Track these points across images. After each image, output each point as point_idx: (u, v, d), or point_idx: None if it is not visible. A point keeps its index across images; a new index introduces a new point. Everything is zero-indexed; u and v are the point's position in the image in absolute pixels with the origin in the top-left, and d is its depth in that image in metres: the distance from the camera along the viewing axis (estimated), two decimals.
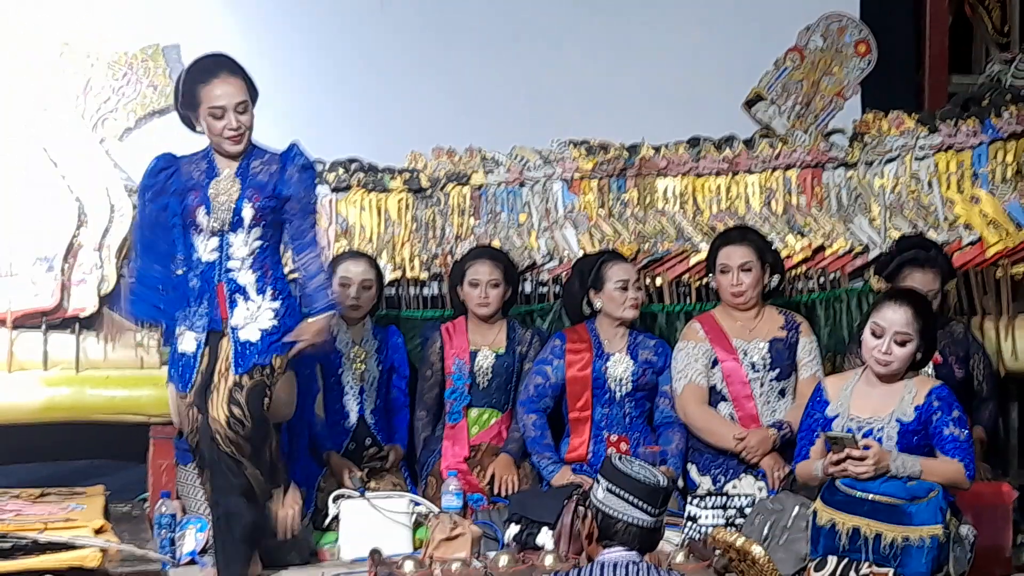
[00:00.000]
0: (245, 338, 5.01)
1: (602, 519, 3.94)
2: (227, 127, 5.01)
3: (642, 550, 3.94)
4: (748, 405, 5.79)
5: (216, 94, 5.01)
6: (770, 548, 4.92)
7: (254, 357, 5.00)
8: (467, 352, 5.94)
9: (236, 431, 4.96)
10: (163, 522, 5.36)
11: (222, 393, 4.98)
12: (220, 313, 5.04)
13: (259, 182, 5.04)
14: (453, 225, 6.46)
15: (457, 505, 5.48)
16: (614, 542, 3.92)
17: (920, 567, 4.74)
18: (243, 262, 5.05)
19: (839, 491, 4.88)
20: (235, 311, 5.02)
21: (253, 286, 5.04)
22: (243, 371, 4.98)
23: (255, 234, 5.04)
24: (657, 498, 3.95)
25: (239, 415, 4.97)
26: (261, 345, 5.00)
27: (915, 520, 4.78)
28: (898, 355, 4.93)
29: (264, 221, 5.04)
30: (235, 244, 5.04)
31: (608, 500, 3.93)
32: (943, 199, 6.57)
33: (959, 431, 4.90)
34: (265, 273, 5.06)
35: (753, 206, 6.58)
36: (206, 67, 5.05)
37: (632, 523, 3.91)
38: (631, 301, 5.85)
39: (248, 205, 5.02)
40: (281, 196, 5.04)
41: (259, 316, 5.02)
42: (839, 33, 6.91)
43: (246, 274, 5.04)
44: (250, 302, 5.03)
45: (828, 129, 6.79)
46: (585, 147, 6.58)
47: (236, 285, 5.04)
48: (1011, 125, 6.63)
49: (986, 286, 6.47)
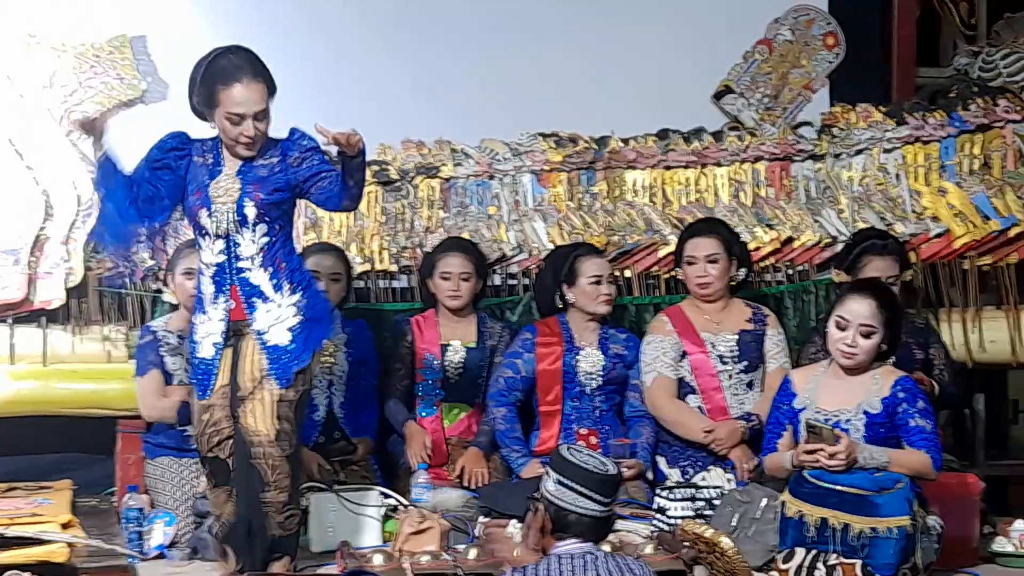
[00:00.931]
0: (275, 342, 4.80)
1: (555, 512, 3.94)
2: (243, 134, 4.79)
3: (596, 539, 3.94)
4: (716, 397, 5.80)
5: (237, 100, 4.76)
6: (739, 540, 4.93)
7: (293, 363, 4.79)
8: (438, 346, 5.94)
9: (283, 449, 4.76)
10: (131, 516, 5.33)
11: (267, 406, 4.77)
12: (237, 315, 4.84)
13: (258, 176, 4.81)
14: (422, 217, 6.46)
15: (426, 498, 5.47)
16: (568, 534, 3.92)
17: (888, 558, 4.77)
18: (253, 261, 4.83)
19: (807, 482, 4.90)
20: (255, 315, 4.81)
21: (268, 285, 4.82)
22: (286, 384, 4.78)
23: (261, 231, 4.82)
24: (607, 487, 3.95)
25: (287, 430, 4.77)
26: (295, 347, 4.80)
27: (883, 511, 4.80)
28: (863, 347, 4.97)
29: (268, 216, 4.81)
30: (242, 244, 4.82)
31: (559, 492, 3.93)
32: (911, 191, 6.60)
33: (925, 422, 4.93)
34: (278, 268, 4.84)
35: (722, 198, 6.60)
36: (228, 68, 4.78)
37: (585, 514, 3.92)
38: (604, 296, 5.85)
39: (250, 203, 4.79)
40: (288, 186, 4.81)
41: (282, 316, 4.82)
42: (807, 26, 6.93)
43: (259, 273, 4.83)
44: (269, 303, 4.82)
45: (796, 121, 6.82)
46: (554, 139, 6.58)
47: (251, 286, 4.83)
48: (978, 117, 6.67)
49: (953, 278, 6.50)
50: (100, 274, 6.17)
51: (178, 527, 5.42)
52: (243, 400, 4.80)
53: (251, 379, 4.80)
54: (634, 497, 5.58)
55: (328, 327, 4.99)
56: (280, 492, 4.81)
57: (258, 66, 4.82)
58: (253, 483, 4.79)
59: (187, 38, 6.40)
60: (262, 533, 4.82)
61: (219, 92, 4.78)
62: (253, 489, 4.80)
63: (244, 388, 4.80)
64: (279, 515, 4.82)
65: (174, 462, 5.70)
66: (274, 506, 4.80)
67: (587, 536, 3.94)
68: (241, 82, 4.77)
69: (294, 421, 4.81)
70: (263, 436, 4.76)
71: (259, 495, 4.79)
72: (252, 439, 4.77)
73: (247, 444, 4.79)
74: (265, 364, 4.80)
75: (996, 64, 6.91)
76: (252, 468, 4.78)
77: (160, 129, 5.15)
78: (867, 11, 7.14)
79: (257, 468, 4.77)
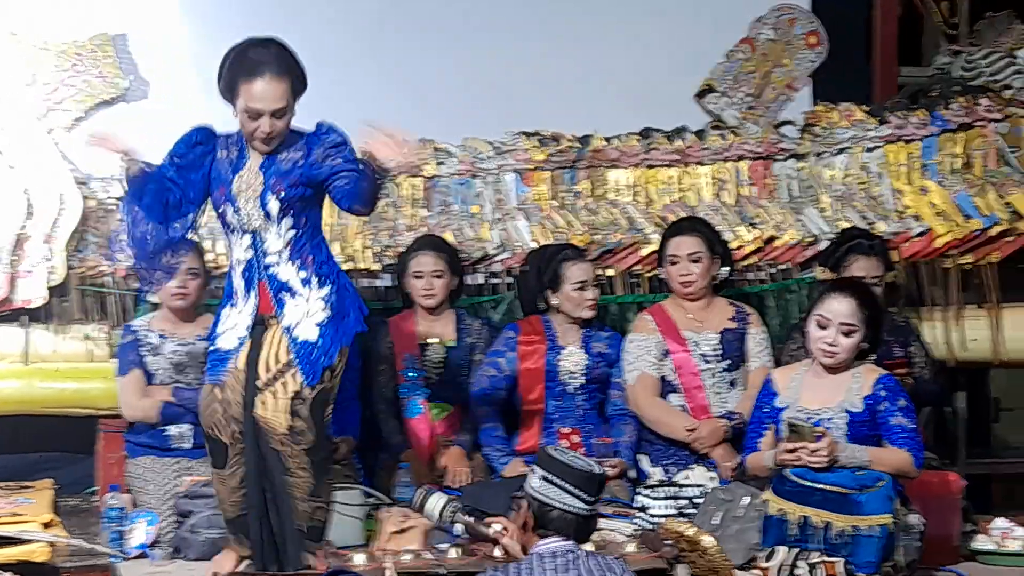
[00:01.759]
0: (304, 338, 4.74)
1: (537, 507, 3.95)
2: (260, 129, 4.71)
3: (578, 539, 3.95)
4: (699, 396, 5.81)
5: (256, 95, 4.68)
6: (721, 538, 4.94)
7: (321, 359, 4.74)
8: (417, 346, 5.93)
9: (297, 442, 4.73)
10: (112, 515, 5.31)
11: (282, 400, 4.73)
12: (265, 309, 4.78)
13: (282, 171, 4.73)
14: (405, 216, 6.45)
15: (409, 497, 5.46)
16: (549, 531, 3.93)
17: (870, 556, 4.78)
18: (280, 255, 4.77)
19: (789, 481, 4.90)
20: (285, 310, 4.76)
21: (297, 279, 4.77)
22: (313, 381, 4.73)
23: (286, 224, 4.76)
24: (592, 485, 3.96)
25: (301, 427, 4.73)
26: (323, 343, 4.74)
27: (864, 509, 4.81)
28: (844, 345, 4.98)
29: (293, 210, 4.74)
30: (268, 239, 4.77)
31: (543, 488, 3.94)
32: (892, 190, 6.62)
33: (906, 420, 4.95)
34: (306, 262, 4.78)
35: (704, 197, 6.60)
36: (253, 61, 4.70)
37: (567, 511, 3.93)
38: (589, 302, 5.85)
39: (273, 198, 4.73)
40: (311, 181, 4.71)
41: (311, 310, 4.76)
42: (790, 24, 6.94)
43: (287, 268, 4.77)
44: (298, 297, 4.76)
45: (779, 120, 6.82)
46: (537, 138, 6.58)
47: (279, 282, 4.77)
48: (960, 117, 6.68)
49: (935, 277, 6.52)
50: (82, 273, 6.16)
51: (160, 526, 5.41)
52: (260, 390, 4.76)
53: (269, 369, 4.76)
54: (616, 496, 5.59)
55: (358, 321, 4.89)
56: (302, 480, 4.77)
57: (285, 62, 4.74)
58: (271, 471, 4.75)
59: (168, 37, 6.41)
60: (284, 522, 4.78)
61: (240, 84, 4.70)
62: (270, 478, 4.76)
63: (262, 378, 4.76)
64: (305, 503, 4.78)
65: (156, 461, 5.69)
66: (299, 491, 4.76)
67: (569, 534, 3.94)
68: (263, 77, 4.69)
69: (310, 419, 4.75)
70: (276, 429, 4.74)
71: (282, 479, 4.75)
72: (266, 429, 4.74)
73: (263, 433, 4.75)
74: (288, 356, 4.75)
75: (977, 64, 6.92)
76: (273, 453, 4.74)
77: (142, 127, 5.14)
78: (850, 10, 7.15)
79: (279, 453, 4.74)
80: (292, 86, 4.75)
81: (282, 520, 4.81)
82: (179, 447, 5.70)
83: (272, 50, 4.76)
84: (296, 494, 4.78)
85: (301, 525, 4.81)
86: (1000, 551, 5.34)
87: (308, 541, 4.82)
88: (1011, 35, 6.90)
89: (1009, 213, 6.48)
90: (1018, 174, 6.61)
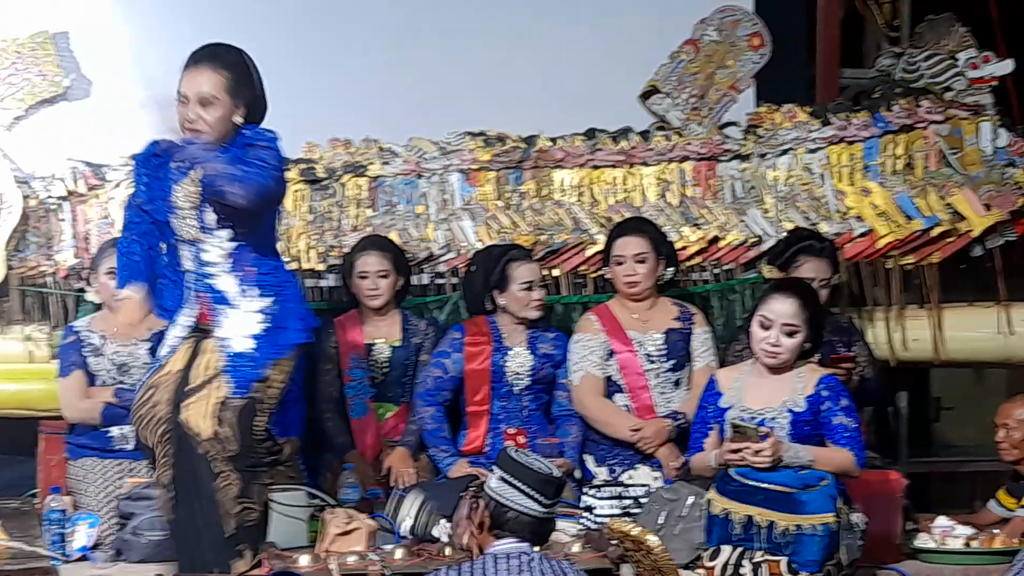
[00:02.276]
0: (237, 349, 4.75)
1: (494, 507, 3.95)
2: (185, 116, 4.72)
3: (533, 542, 3.95)
4: (644, 396, 5.82)
5: (185, 80, 4.74)
6: (665, 538, 4.96)
7: (251, 372, 4.74)
8: (362, 346, 5.92)
9: (222, 449, 4.72)
10: (53, 518, 5.26)
11: (209, 406, 4.73)
12: (204, 320, 4.81)
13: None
14: (350, 216, 6.42)
15: (354, 498, 5.45)
16: (505, 532, 3.93)
17: (812, 555, 4.81)
18: (219, 267, 4.79)
19: (733, 480, 4.93)
20: (221, 321, 4.77)
21: (235, 290, 4.77)
22: (242, 393, 4.73)
23: (225, 235, 4.78)
24: (550, 488, 3.97)
25: (226, 435, 4.72)
26: (256, 355, 4.74)
27: (807, 508, 4.84)
28: (787, 346, 5.00)
29: (232, 221, 4.75)
30: (208, 250, 4.79)
31: (501, 489, 3.94)
32: (835, 191, 6.65)
33: (848, 420, 4.98)
34: (247, 273, 4.79)
35: (649, 198, 6.62)
36: (195, 54, 4.78)
37: (524, 512, 3.93)
38: (535, 303, 5.85)
39: (209, 209, 4.75)
40: None
41: (247, 321, 4.76)
42: (733, 26, 6.97)
43: (225, 279, 4.78)
44: (234, 309, 4.77)
45: (722, 122, 6.84)
46: (482, 138, 6.57)
47: (217, 293, 4.79)
48: (901, 118, 6.72)
49: (876, 277, 6.56)
50: (22, 273, 6.10)
51: (101, 529, 5.37)
52: (186, 395, 4.76)
53: (202, 375, 4.77)
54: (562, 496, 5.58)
55: (298, 333, 4.88)
56: (230, 486, 4.76)
57: (227, 59, 4.79)
58: (199, 477, 4.75)
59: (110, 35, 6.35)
60: (211, 530, 4.77)
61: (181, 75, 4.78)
62: (199, 483, 4.76)
63: (193, 381, 4.77)
64: (233, 506, 4.77)
65: (97, 463, 5.64)
66: (227, 496, 4.76)
67: (525, 536, 3.94)
68: (196, 65, 4.75)
69: (236, 427, 4.75)
70: (201, 434, 4.73)
71: (211, 485, 4.74)
72: (191, 434, 4.74)
73: (188, 437, 4.75)
74: (219, 364, 4.76)
75: (919, 65, 6.97)
76: (200, 460, 4.74)
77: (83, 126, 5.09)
78: (792, 12, 7.18)
79: (206, 459, 4.74)
80: (229, 84, 4.76)
81: (210, 525, 4.79)
82: (121, 448, 5.65)
83: (220, 48, 4.81)
84: (224, 500, 4.77)
85: (232, 531, 4.79)
86: (941, 549, 5.38)
87: (241, 544, 4.80)
88: (952, 37, 6.95)
89: (950, 214, 6.53)
90: (959, 175, 6.66)
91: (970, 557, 5.33)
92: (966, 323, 6.57)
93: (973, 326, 6.57)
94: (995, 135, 6.73)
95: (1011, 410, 5.81)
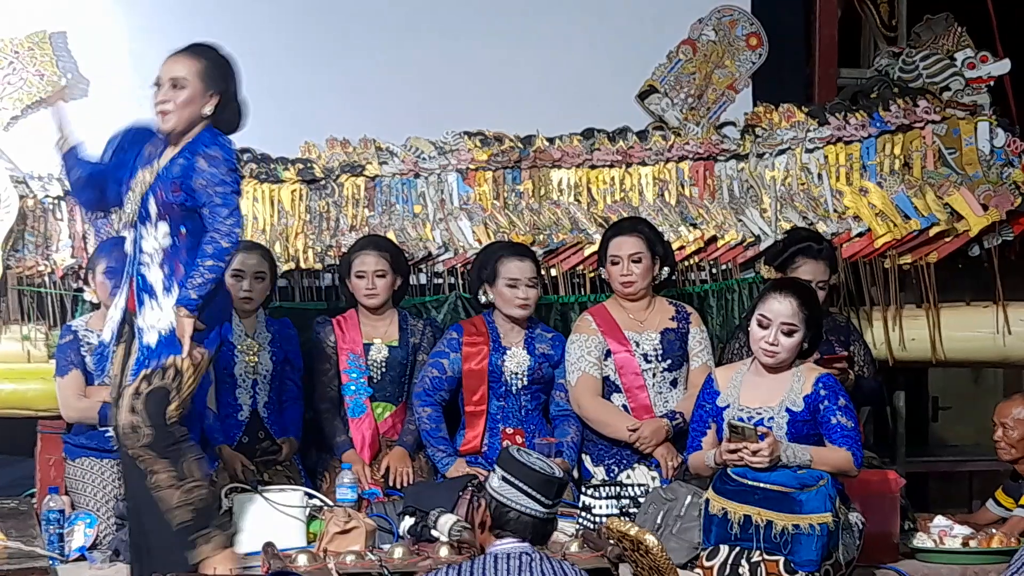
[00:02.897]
0: (146, 341, 4.76)
1: (495, 507, 3.94)
2: (157, 98, 4.78)
3: (534, 542, 3.95)
4: (641, 396, 5.82)
5: (163, 67, 4.80)
6: (663, 537, 4.96)
7: (146, 362, 4.74)
8: (360, 345, 5.92)
9: (133, 440, 4.71)
10: (51, 518, 5.26)
11: (126, 398, 4.75)
12: (131, 306, 4.82)
13: (169, 174, 4.75)
14: (347, 216, 6.43)
15: (351, 498, 5.45)
16: (506, 532, 3.93)
17: (810, 554, 4.81)
18: (152, 258, 4.79)
19: (731, 480, 4.93)
20: (143, 311, 4.78)
21: (160, 284, 4.76)
22: (135, 376, 4.74)
23: (162, 230, 4.77)
24: (552, 489, 3.96)
25: (136, 423, 4.71)
26: (157, 350, 4.73)
27: (805, 508, 4.84)
28: (785, 345, 5.00)
29: (171, 216, 4.75)
30: (146, 238, 4.79)
31: (503, 489, 3.94)
32: (832, 191, 6.66)
33: (846, 419, 4.97)
34: (174, 272, 4.76)
35: (647, 197, 6.62)
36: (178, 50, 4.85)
37: (525, 512, 3.92)
38: (519, 301, 5.83)
39: (152, 199, 4.76)
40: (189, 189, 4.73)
41: (161, 318, 4.75)
42: (731, 26, 6.98)
43: (154, 271, 4.78)
44: (155, 302, 4.77)
45: (720, 121, 6.85)
46: (480, 138, 6.58)
47: (144, 282, 4.79)
48: (899, 118, 6.73)
49: (874, 277, 6.57)
50: (19, 273, 6.10)
51: (99, 529, 5.37)
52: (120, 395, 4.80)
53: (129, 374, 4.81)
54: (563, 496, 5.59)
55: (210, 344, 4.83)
56: (158, 475, 4.72)
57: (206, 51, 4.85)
58: (136, 483, 4.76)
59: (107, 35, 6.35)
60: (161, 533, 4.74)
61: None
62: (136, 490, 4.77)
63: (124, 382, 4.80)
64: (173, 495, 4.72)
65: (95, 463, 5.64)
66: (161, 490, 4.71)
67: (525, 536, 3.94)
68: (176, 54, 4.82)
69: (144, 412, 4.70)
70: (123, 428, 4.74)
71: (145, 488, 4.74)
72: (119, 433, 4.78)
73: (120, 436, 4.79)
74: None
75: (916, 65, 6.99)
76: (131, 465, 4.76)
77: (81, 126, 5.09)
78: (790, 12, 7.20)
79: (134, 462, 4.74)
80: (202, 71, 4.79)
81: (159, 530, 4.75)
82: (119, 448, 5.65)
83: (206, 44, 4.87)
84: (162, 494, 4.73)
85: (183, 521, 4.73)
86: (939, 549, 5.38)
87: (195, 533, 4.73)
88: (949, 37, 6.96)
89: (947, 214, 6.54)
90: (956, 175, 6.67)
91: (968, 557, 5.33)
92: (964, 323, 6.58)
93: (971, 326, 6.59)
94: (992, 135, 6.74)
95: (1008, 409, 5.82)
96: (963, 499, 7.89)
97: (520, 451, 4.02)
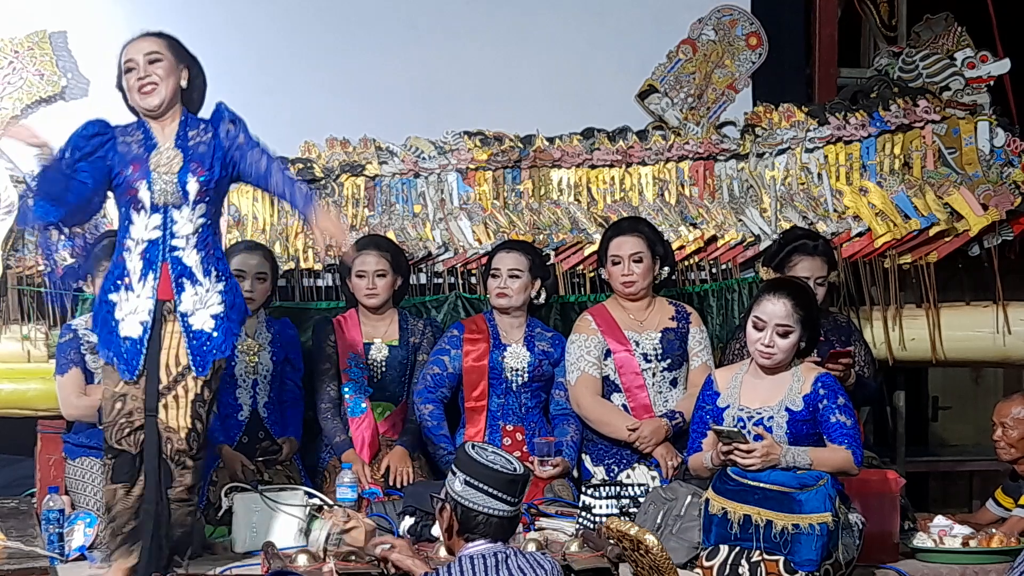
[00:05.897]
0: (198, 327, 4.74)
1: (462, 513, 3.92)
2: (136, 77, 4.78)
3: (504, 539, 3.94)
4: (641, 395, 5.83)
5: (128, 52, 4.82)
6: (663, 537, 4.96)
7: (213, 352, 4.74)
8: (360, 345, 5.92)
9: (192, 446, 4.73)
10: (51, 517, 5.26)
11: (183, 402, 4.72)
12: (164, 294, 4.76)
13: (200, 154, 4.77)
14: (347, 216, 6.43)
15: (352, 497, 5.45)
16: (475, 535, 3.91)
17: (810, 554, 4.80)
18: (188, 240, 4.76)
19: (730, 480, 4.93)
20: (183, 296, 4.75)
21: (199, 267, 4.75)
22: (204, 372, 4.72)
23: (199, 211, 4.76)
24: (516, 488, 3.94)
25: (200, 430, 4.74)
26: (217, 336, 4.74)
27: (805, 508, 4.84)
28: (781, 346, 4.99)
29: (208, 196, 4.77)
30: (179, 221, 4.75)
31: (467, 493, 3.91)
32: (832, 190, 6.66)
33: (845, 418, 4.97)
34: (209, 253, 4.78)
35: (646, 197, 6.63)
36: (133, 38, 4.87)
37: (492, 515, 3.90)
38: (497, 291, 5.88)
39: (192, 179, 4.74)
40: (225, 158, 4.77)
41: (208, 300, 4.75)
42: (730, 26, 6.98)
43: (192, 254, 4.76)
44: (198, 286, 4.75)
45: (720, 121, 6.86)
46: (480, 138, 6.58)
47: (182, 266, 4.75)
48: (898, 118, 6.74)
49: (874, 276, 6.57)
50: (20, 273, 6.10)
51: (99, 528, 5.36)
52: (162, 394, 4.74)
53: (171, 373, 4.75)
54: (560, 495, 5.60)
55: (240, 326, 4.91)
56: (184, 490, 4.78)
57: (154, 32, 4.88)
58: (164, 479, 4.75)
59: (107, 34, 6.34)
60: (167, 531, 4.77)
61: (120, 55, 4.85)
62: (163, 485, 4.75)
63: (163, 381, 4.74)
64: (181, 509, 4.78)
65: (95, 462, 5.63)
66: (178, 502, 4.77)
67: (495, 536, 3.93)
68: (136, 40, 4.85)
69: (206, 422, 4.78)
70: (178, 433, 4.73)
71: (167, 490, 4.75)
72: (168, 435, 4.73)
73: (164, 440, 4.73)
74: (187, 357, 4.75)
75: (916, 65, 6.99)
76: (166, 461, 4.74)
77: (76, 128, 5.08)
78: (790, 12, 7.20)
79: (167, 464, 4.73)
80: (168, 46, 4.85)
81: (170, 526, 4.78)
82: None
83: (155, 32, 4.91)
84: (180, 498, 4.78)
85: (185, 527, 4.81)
86: (939, 549, 5.38)
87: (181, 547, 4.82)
88: (949, 37, 6.97)
89: (947, 213, 6.54)
90: (956, 175, 6.68)
91: (968, 556, 5.32)
92: (963, 322, 6.59)
93: (970, 325, 6.59)
94: (992, 134, 6.75)
95: (1008, 409, 5.81)
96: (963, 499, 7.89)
97: (477, 449, 3.97)
